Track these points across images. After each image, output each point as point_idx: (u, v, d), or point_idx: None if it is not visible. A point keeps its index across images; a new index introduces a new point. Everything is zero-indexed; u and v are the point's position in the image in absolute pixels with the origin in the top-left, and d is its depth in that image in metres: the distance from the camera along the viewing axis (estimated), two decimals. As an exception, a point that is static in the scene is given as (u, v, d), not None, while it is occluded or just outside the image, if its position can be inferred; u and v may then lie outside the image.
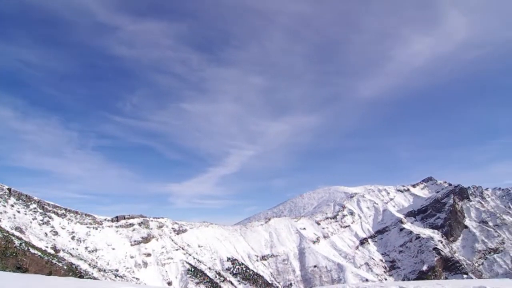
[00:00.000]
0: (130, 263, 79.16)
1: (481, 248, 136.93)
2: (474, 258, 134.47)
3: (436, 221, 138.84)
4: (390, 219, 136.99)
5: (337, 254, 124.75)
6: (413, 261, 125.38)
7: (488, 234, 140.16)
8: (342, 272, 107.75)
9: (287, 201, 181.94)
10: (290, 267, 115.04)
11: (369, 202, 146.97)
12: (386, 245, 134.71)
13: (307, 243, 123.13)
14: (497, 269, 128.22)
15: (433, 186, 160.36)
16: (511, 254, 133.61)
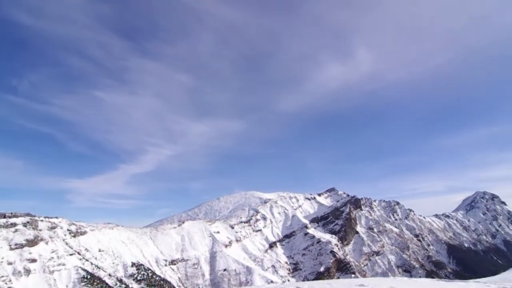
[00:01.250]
0: (6, 271, 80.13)
1: (367, 251, 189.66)
2: (361, 259, 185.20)
3: (334, 227, 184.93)
4: (298, 224, 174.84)
5: (247, 258, 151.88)
6: (313, 263, 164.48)
7: (373, 239, 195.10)
8: (250, 275, 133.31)
9: (203, 204, 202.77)
10: (200, 271, 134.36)
11: (281, 208, 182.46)
12: (292, 248, 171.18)
13: (219, 247, 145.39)
14: (377, 269, 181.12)
15: (334, 196, 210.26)
16: (388, 256, 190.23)
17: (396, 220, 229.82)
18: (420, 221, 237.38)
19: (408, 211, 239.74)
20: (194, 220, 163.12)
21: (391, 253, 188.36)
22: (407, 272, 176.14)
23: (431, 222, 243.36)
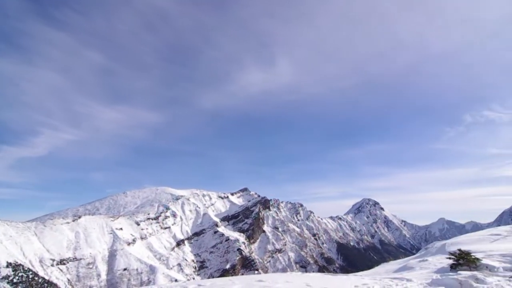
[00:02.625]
0: None
1: (271, 248, 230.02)
2: (265, 256, 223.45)
3: (243, 226, 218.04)
4: (208, 222, 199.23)
5: (152, 256, 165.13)
6: (220, 261, 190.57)
7: (277, 238, 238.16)
8: (153, 274, 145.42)
9: (107, 197, 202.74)
10: (95, 272, 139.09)
11: (193, 206, 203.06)
12: (200, 246, 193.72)
13: (121, 245, 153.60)
14: (278, 265, 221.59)
15: (247, 196, 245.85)
16: (289, 253, 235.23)
17: (298, 221, 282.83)
18: (318, 222, 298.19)
19: (309, 212, 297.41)
20: (94, 215, 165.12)
21: (292, 251, 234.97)
22: (303, 267, 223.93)
23: (327, 223, 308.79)
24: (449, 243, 20.29)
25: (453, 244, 18.79)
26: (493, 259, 12.81)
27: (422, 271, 13.41)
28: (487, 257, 13.05)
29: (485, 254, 13.80)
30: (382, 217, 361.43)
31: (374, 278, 12.43)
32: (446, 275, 10.50)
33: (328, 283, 10.80)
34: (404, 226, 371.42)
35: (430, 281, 10.23)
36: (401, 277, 12.23)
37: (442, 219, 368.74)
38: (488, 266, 11.52)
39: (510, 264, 12.04)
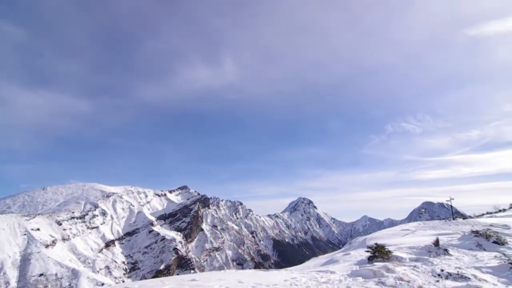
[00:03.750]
0: None
1: (209, 247, 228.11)
2: (202, 255, 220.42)
3: (181, 225, 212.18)
4: (143, 221, 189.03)
5: (75, 259, 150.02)
6: (154, 261, 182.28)
7: (215, 236, 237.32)
8: (76, 279, 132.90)
9: (21, 194, 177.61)
10: (3, 279, 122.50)
11: (126, 204, 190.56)
12: (132, 247, 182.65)
13: (37, 247, 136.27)
14: (215, 264, 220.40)
15: (186, 194, 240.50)
16: (226, 251, 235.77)
17: (237, 219, 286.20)
18: (256, 220, 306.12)
19: (248, 211, 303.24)
20: (3, 214, 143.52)
21: (229, 249, 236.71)
22: (240, 265, 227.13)
23: (265, 221, 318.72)
24: (369, 238, 22.46)
25: (372, 239, 20.87)
26: (402, 251, 14.62)
27: (345, 264, 14.68)
28: (397, 250, 14.82)
29: (396, 247, 15.63)
30: (315, 215, 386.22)
31: (302, 271, 13.23)
32: (363, 267, 11.70)
33: (260, 279, 11.16)
34: (333, 223, 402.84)
35: (350, 273, 11.27)
36: (326, 269, 13.24)
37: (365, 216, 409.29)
38: (398, 258, 13.14)
39: (415, 255, 13.88)
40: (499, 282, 9.66)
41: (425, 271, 10.86)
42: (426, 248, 14.61)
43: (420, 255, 13.77)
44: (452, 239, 17.00)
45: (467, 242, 15.90)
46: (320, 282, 10.51)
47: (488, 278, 9.90)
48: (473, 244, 15.39)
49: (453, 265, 11.61)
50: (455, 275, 10.11)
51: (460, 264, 11.78)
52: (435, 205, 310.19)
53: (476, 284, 8.51)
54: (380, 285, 9.02)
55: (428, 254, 13.73)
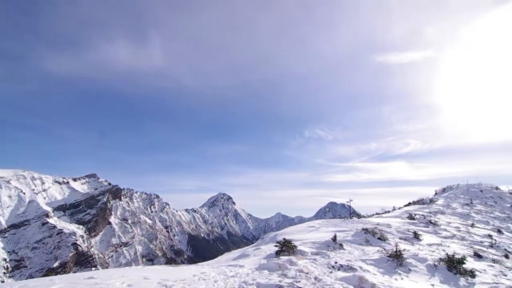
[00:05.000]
0: None
1: (116, 242, 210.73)
2: (107, 251, 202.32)
3: (85, 217, 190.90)
4: (35, 212, 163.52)
5: None
6: (46, 258, 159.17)
7: (125, 230, 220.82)
8: None
9: None
10: None
11: (15, 190, 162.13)
12: (18, 241, 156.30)
13: None
14: (122, 260, 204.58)
15: (94, 183, 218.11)
16: (136, 247, 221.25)
17: (152, 212, 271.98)
18: (172, 214, 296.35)
19: (164, 204, 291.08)
20: None
21: (140, 244, 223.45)
22: (150, 261, 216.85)
23: (181, 215, 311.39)
24: (279, 234, 23.94)
25: (282, 234, 22.32)
26: (306, 246, 16.04)
27: (255, 258, 15.34)
28: (302, 245, 16.19)
29: (302, 242, 17.06)
30: (232, 210, 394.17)
31: (213, 266, 13.34)
32: (271, 260, 12.45)
33: (168, 274, 10.83)
34: (250, 219, 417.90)
35: (258, 266, 11.85)
36: (236, 264, 13.64)
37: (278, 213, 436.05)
38: (302, 252, 14.37)
39: (316, 249, 15.38)
40: (378, 272, 11.42)
41: (322, 263, 12.13)
42: (326, 243, 16.33)
43: (320, 249, 15.32)
44: (347, 236, 19.40)
45: (358, 238, 18.35)
46: (228, 276, 10.76)
47: (370, 269, 11.61)
48: (362, 240, 17.83)
49: (345, 258, 13.26)
50: (345, 266, 11.57)
51: (350, 257, 13.52)
52: (338, 205, 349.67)
53: (360, 274, 9.90)
54: (282, 277, 9.72)
55: (327, 248, 15.38)
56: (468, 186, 53.35)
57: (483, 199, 43.81)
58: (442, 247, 17.71)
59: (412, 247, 17.05)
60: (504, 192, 49.93)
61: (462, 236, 23.18)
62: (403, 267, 12.28)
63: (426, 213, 31.82)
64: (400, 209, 38.27)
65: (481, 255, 17.51)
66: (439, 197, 46.79)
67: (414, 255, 13.91)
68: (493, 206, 39.91)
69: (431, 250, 16.31)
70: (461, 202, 41.69)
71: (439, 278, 11.53)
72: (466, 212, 35.33)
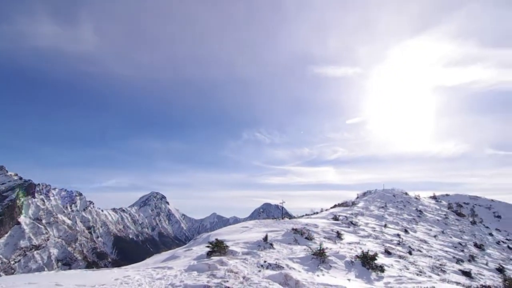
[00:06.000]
0: None
1: (25, 245, 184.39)
2: (13, 255, 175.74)
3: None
4: None
5: None
6: None
7: (37, 231, 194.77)
8: None
9: None
10: None
11: None
12: None
13: None
14: (32, 265, 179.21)
15: (1, 177, 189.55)
16: (51, 250, 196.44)
17: (72, 212, 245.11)
18: (97, 213, 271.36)
19: (88, 203, 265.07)
20: None
21: (55, 246, 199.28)
22: (67, 265, 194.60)
23: (107, 215, 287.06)
24: (213, 234, 23.76)
25: (216, 235, 22.20)
26: (238, 246, 16.23)
27: (185, 259, 14.97)
28: (234, 245, 16.34)
29: (234, 242, 17.21)
30: (166, 210, 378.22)
31: (138, 269, 12.60)
32: (201, 261, 12.28)
33: (85, 279, 9.87)
34: (184, 219, 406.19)
35: (187, 267, 11.58)
36: (164, 266, 13.11)
37: (214, 213, 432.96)
38: (233, 252, 14.50)
39: (247, 249, 15.67)
40: (303, 269, 12.13)
41: (252, 263, 12.41)
42: (257, 243, 16.76)
43: (252, 249, 15.66)
44: (278, 235, 20.21)
45: (288, 238, 19.26)
46: (155, 278, 10.29)
47: (296, 266, 12.27)
48: (292, 240, 18.77)
49: (274, 257, 13.78)
50: (273, 265, 12.02)
51: (279, 256, 14.10)
52: (272, 206, 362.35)
53: (286, 272, 10.40)
54: (211, 277, 9.66)
55: (258, 248, 15.79)
56: (384, 192, 60.18)
57: (395, 203, 49.86)
58: (359, 245, 19.64)
59: (334, 245, 18.53)
60: (411, 197, 57.61)
61: (376, 235, 26.01)
62: (325, 264, 13.27)
63: (348, 215, 34.90)
64: (327, 210, 41.30)
65: (390, 252, 19.89)
66: (360, 200, 51.79)
67: (336, 253, 15.14)
68: (402, 209, 45.69)
69: (350, 248, 17.94)
70: (377, 205, 46.79)
71: (354, 273, 12.74)
72: (381, 214, 39.77)
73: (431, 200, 59.42)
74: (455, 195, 66.59)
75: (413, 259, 19.61)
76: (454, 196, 65.69)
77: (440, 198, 63.17)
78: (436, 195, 65.81)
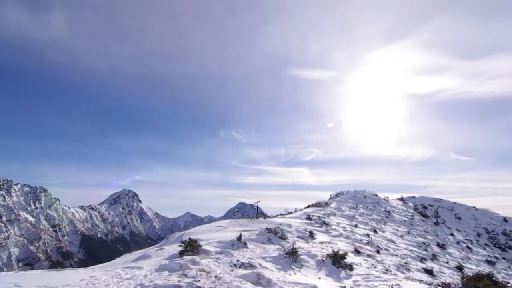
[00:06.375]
0: None
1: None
2: None
3: None
4: None
5: None
6: None
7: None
8: None
9: None
10: None
11: None
12: None
13: None
14: None
15: None
16: (11, 249, 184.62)
17: (36, 209, 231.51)
18: (63, 211, 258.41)
19: (54, 200, 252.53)
20: None
21: (16, 246, 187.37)
22: (29, 265, 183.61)
23: (75, 212, 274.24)
24: (186, 233, 23.41)
25: (189, 234, 21.89)
26: (211, 245, 16.10)
27: (157, 259, 14.65)
28: (208, 244, 16.19)
29: (208, 242, 17.06)
30: (138, 209, 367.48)
31: (106, 269, 12.15)
32: (173, 261, 12.05)
33: (47, 280, 9.36)
34: (157, 218, 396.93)
35: (158, 267, 11.33)
36: (134, 265, 12.74)
37: (188, 212, 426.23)
38: (206, 251, 14.36)
39: (221, 248, 15.59)
40: (275, 268, 12.25)
41: (225, 262, 12.37)
42: (231, 242, 16.72)
43: (225, 248, 15.60)
44: (252, 235, 20.27)
45: (262, 237, 19.37)
46: (123, 278, 9.97)
47: (269, 266, 12.37)
48: (265, 239, 18.89)
49: (247, 256, 13.81)
50: (246, 264, 12.05)
51: (252, 255, 14.15)
52: (247, 206, 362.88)
53: (258, 271, 10.46)
54: (182, 277, 9.52)
55: (231, 247, 15.75)
56: (355, 193, 62.16)
57: (366, 204, 51.63)
58: (331, 245, 20.14)
59: (307, 245, 18.87)
60: (381, 199, 59.90)
61: (347, 235, 26.80)
62: (297, 263, 13.48)
63: (321, 215, 35.69)
64: (301, 210, 41.99)
65: (360, 251, 20.57)
66: (333, 201, 53.14)
67: (308, 252, 15.42)
68: (372, 210, 47.41)
69: (322, 248, 18.35)
70: (349, 206, 48.22)
71: (325, 271, 13.05)
72: (352, 214, 41.03)
73: (399, 202, 62.07)
74: (421, 197, 70.02)
75: (381, 258, 20.39)
76: (420, 198, 69.05)
77: (407, 200, 66.13)
78: (403, 197, 68.83)
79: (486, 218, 59.28)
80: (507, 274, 29.19)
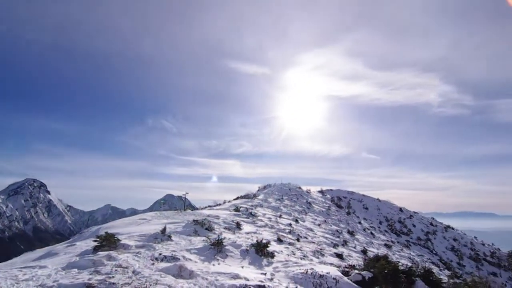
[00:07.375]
0: None
1: None
2: None
3: None
4: None
5: None
6: None
7: None
8: None
9: None
10: None
11: None
12: None
13: None
14: None
15: None
16: None
17: None
18: None
19: None
20: None
21: None
22: None
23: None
24: (104, 227, 21.48)
25: (108, 228, 20.12)
26: (132, 239, 15.10)
27: (65, 256, 13.10)
28: (128, 238, 15.13)
29: (128, 235, 15.94)
30: (45, 201, 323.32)
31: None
32: (84, 257, 10.91)
33: None
34: (69, 211, 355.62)
35: (66, 265, 10.13)
36: (36, 264, 11.14)
37: (108, 205, 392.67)
38: (125, 245, 13.40)
39: (142, 242, 14.73)
40: (199, 259, 12.13)
41: (146, 256, 11.73)
42: (154, 235, 15.94)
43: (147, 241, 14.80)
44: (178, 227, 19.70)
45: (188, 229, 18.96)
46: (20, 280, 8.61)
47: (193, 257, 12.18)
48: (192, 231, 18.55)
49: (170, 249, 13.35)
50: (169, 257, 11.63)
51: (176, 248, 13.74)
52: (175, 198, 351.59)
53: (181, 263, 10.20)
54: (94, 274, 8.68)
55: (154, 241, 15.02)
56: (282, 185, 65.65)
57: (290, 196, 54.97)
58: (256, 235, 20.85)
59: (233, 235, 19.17)
60: (304, 191, 64.53)
61: (272, 225, 28.12)
62: (222, 253, 13.59)
63: (249, 206, 36.69)
64: (230, 202, 42.49)
65: (282, 240, 21.79)
66: (260, 193, 55.14)
67: (233, 243, 15.67)
68: (295, 202, 50.70)
69: (247, 238, 18.86)
70: (275, 197, 50.68)
71: (248, 260, 13.45)
72: (278, 205, 43.23)
73: (319, 194, 67.79)
74: (337, 190, 77.79)
75: (300, 245, 21.95)
76: (336, 191, 76.65)
77: (325, 192, 72.68)
78: (323, 189, 75.38)
79: (386, 208, 68.98)
80: (400, 255, 34.46)
